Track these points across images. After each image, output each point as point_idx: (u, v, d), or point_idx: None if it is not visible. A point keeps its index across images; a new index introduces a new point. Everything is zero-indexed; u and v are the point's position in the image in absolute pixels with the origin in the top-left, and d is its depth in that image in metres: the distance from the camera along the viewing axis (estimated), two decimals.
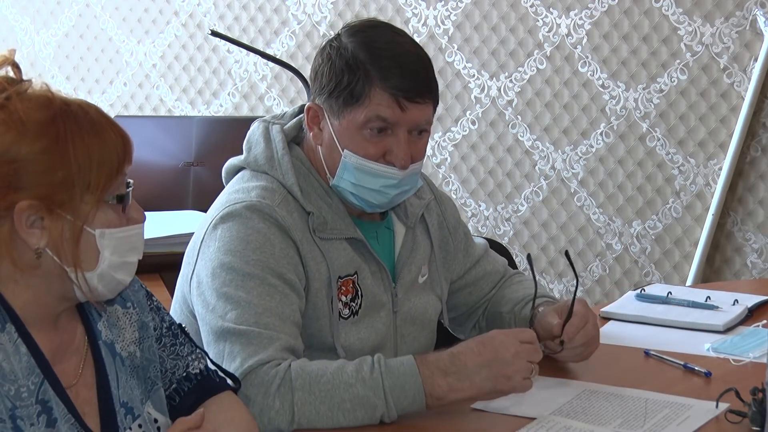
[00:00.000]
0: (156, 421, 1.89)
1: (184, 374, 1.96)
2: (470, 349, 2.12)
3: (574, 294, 2.34)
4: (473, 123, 4.48)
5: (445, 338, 2.62)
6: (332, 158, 2.29)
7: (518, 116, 4.40)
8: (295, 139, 2.37)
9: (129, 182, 1.79)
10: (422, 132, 2.29)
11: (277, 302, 2.18)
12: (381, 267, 2.36)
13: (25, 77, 1.76)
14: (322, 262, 2.27)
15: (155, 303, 1.96)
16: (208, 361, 2.02)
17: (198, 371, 1.98)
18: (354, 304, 2.32)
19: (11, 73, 1.76)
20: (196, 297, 2.24)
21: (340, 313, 2.29)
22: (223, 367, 2.08)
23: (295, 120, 2.38)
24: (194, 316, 2.27)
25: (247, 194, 2.27)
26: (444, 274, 2.51)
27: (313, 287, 2.26)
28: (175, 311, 2.36)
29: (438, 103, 2.30)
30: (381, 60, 2.24)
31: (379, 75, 2.23)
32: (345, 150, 2.26)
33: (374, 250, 2.35)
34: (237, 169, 2.39)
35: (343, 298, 2.30)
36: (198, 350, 2.00)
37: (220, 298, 2.18)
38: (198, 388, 1.96)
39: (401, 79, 2.23)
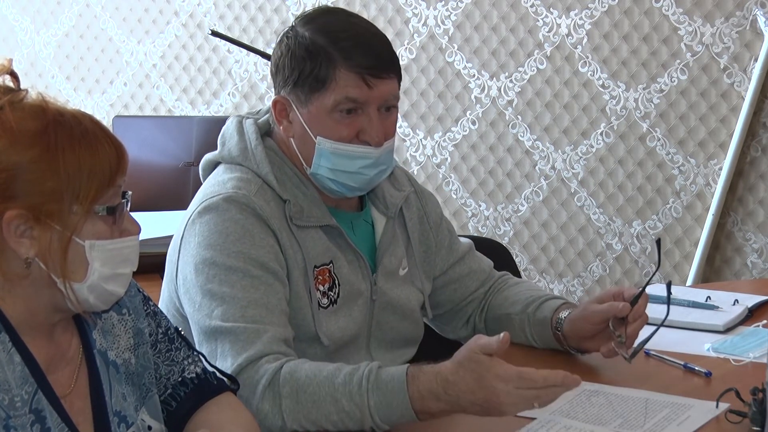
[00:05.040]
0: (150, 428, 1.88)
1: (180, 379, 1.95)
2: (465, 382, 1.98)
3: (649, 279, 2.40)
4: (473, 123, 4.48)
5: (439, 337, 2.62)
6: (306, 148, 2.30)
7: (518, 116, 4.40)
8: (268, 132, 2.38)
9: (125, 193, 1.78)
10: (390, 108, 2.30)
11: (262, 293, 2.17)
12: (358, 255, 2.35)
13: (25, 78, 1.76)
14: (298, 251, 2.27)
15: (152, 308, 1.95)
16: (206, 364, 2.01)
17: (194, 375, 1.97)
18: (332, 294, 2.31)
19: (9, 82, 1.76)
20: (183, 295, 2.24)
21: (319, 302, 2.29)
22: (217, 365, 2.07)
23: (269, 114, 2.39)
24: (183, 316, 2.26)
25: (223, 186, 2.28)
26: (424, 269, 2.50)
27: (293, 276, 2.25)
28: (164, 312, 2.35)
29: (401, 78, 2.32)
30: (340, 41, 2.25)
31: (341, 56, 2.24)
32: (318, 137, 2.27)
33: (350, 239, 2.34)
34: (213, 164, 2.40)
35: (321, 288, 2.30)
36: (195, 354, 1.99)
37: (206, 296, 2.18)
38: (195, 392, 1.95)
39: (363, 57, 2.25)
